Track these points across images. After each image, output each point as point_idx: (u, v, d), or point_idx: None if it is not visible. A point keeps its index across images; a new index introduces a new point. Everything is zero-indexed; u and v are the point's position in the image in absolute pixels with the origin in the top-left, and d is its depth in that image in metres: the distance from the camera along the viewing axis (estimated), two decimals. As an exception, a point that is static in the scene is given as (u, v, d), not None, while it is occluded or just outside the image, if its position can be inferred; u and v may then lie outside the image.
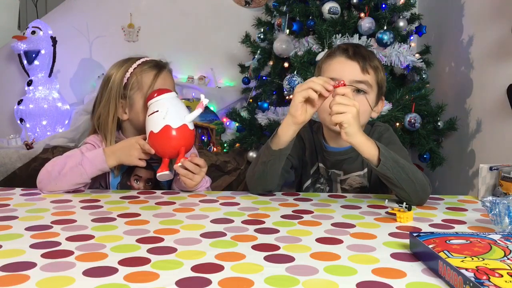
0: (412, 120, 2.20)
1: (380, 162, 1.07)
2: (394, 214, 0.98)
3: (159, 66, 1.39)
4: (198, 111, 1.27)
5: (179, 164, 1.24)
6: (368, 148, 1.07)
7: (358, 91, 1.23)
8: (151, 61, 1.39)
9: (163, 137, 1.23)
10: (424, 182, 1.11)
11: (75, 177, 1.23)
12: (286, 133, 1.15)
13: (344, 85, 1.06)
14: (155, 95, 1.27)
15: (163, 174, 1.25)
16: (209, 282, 0.66)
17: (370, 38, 2.26)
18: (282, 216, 1.01)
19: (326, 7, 2.27)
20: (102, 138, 1.36)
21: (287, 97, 2.41)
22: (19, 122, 3.03)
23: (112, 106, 1.35)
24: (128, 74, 1.36)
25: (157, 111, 1.24)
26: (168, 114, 1.24)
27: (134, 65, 1.37)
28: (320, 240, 0.85)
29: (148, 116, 1.26)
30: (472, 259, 0.67)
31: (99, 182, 1.38)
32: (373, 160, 1.08)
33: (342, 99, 1.04)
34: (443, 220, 1.00)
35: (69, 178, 1.22)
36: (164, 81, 1.36)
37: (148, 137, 1.25)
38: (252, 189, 1.23)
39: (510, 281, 0.60)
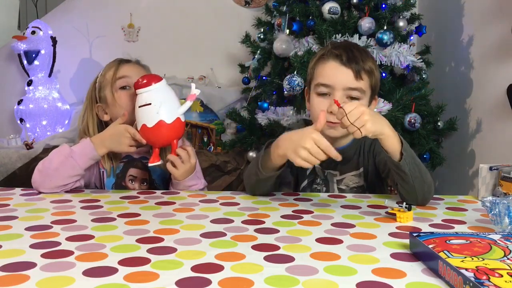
0: (412, 120, 2.19)
1: (402, 157, 1.06)
2: (394, 214, 0.98)
3: (122, 60, 1.41)
4: (189, 103, 1.28)
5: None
6: (392, 141, 1.06)
7: (351, 98, 1.21)
8: (118, 59, 1.42)
9: (156, 131, 1.24)
10: (431, 183, 1.12)
11: (67, 170, 1.22)
12: (277, 162, 1.13)
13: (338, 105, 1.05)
14: (144, 81, 1.24)
15: (155, 164, 1.27)
16: (209, 282, 0.66)
17: (370, 38, 2.25)
18: (282, 216, 1.01)
19: (326, 7, 2.27)
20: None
21: (287, 97, 2.41)
22: (19, 122, 3.03)
23: (89, 111, 1.40)
24: (99, 77, 1.39)
25: (150, 103, 1.23)
26: (162, 108, 1.23)
27: (105, 67, 1.41)
28: (320, 240, 0.85)
29: (139, 107, 1.24)
30: (472, 259, 0.67)
31: (94, 183, 1.38)
32: (395, 154, 1.07)
33: (349, 108, 1.01)
34: (443, 220, 1.00)
35: (62, 172, 1.22)
36: (128, 70, 1.37)
37: (140, 129, 1.25)
38: (249, 193, 1.24)
39: (510, 281, 0.60)
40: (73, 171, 1.23)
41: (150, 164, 1.27)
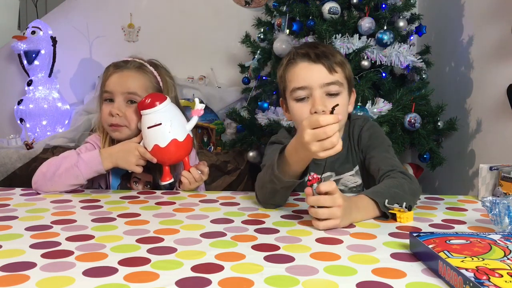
0: (412, 120, 2.19)
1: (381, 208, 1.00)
2: (394, 214, 0.98)
3: (118, 66, 1.35)
4: (196, 118, 1.29)
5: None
6: (369, 215, 1.00)
7: (331, 94, 1.17)
8: (121, 61, 1.37)
9: (170, 151, 1.24)
10: (418, 191, 1.11)
11: (71, 179, 1.22)
12: (300, 166, 0.99)
13: (319, 179, 0.93)
14: (148, 102, 1.23)
15: (167, 183, 1.27)
16: (209, 282, 0.66)
17: (370, 38, 2.26)
18: (282, 216, 1.01)
19: (326, 7, 2.27)
20: (101, 137, 1.37)
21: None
22: (19, 122, 3.03)
23: (98, 107, 1.38)
24: (101, 79, 1.37)
25: (160, 123, 1.23)
26: (173, 127, 1.23)
27: (105, 69, 1.38)
28: (320, 240, 0.85)
29: (149, 128, 1.23)
30: (472, 259, 0.67)
31: (98, 184, 1.38)
32: (378, 211, 1.01)
33: (325, 200, 0.90)
34: (443, 220, 1.00)
35: (64, 179, 1.22)
36: (115, 83, 1.32)
37: (151, 149, 1.24)
38: (262, 205, 1.13)
39: (510, 281, 0.60)
40: (76, 181, 1.23)
41: (162, 183, 1.28)
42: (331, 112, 0.92)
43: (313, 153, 0.91)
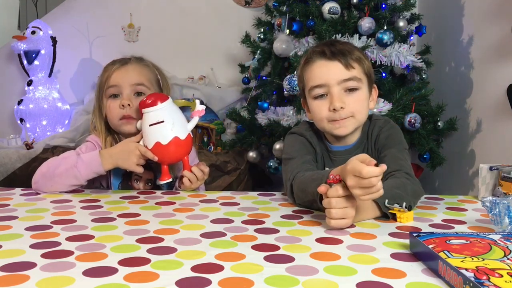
0: (412, 120, 2.20)
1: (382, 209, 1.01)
2: (394, 214, 0.98)
3: (121, 61, 1.36)
4: (196, 118, 1.30)
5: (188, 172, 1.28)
6: (370, 215, 1.00)
7: (350, 90, 1.18)
8: (118, 60, 1.37)
9: (171, 148, 1.24)
10: (421, 193, 1.11)
11: (70, 179, 1.23)
12: None
13: (340, 180, 0.92)
14: (150, 101, 1.24)
15: (166, 182, 1.27)
16: (209, 282, 0.66)
17: (370, 38, 2.26)
18: (282, 216, 1.01)
19: (326, 7, 2.27)
20: (99, 138, 1.37)
21: (287, 97, 2.41)
22: (19, 122, 3.03)
23: (97, 108, 1.38)
24: (99, 77, 1.37)
25: (163, 121, 1.23)
26: (175, 125, 1.24)
27: (105, 67, 1.38)
28: (320, 240, 0.85)
29: (150, 125, 1.24)
30: (472, 259, 0.67)
31: (99, 182, 1.38)
32: (379, 211, 1.01)
33: (336, 203, 0.91)
34: (443, 220, 1.00)
35: (64, 180, 1.22)
36: (120, 77, 1.33)
37: (152, 147, 1.24)
38: (296, 204, 1.14)
39: (510, 281, 0.60)
40: (76, 181, 1.23)
41: (161, 182, 1.28)
42: (376, 164, 0.89)
43: (356, 195, 0.90)
